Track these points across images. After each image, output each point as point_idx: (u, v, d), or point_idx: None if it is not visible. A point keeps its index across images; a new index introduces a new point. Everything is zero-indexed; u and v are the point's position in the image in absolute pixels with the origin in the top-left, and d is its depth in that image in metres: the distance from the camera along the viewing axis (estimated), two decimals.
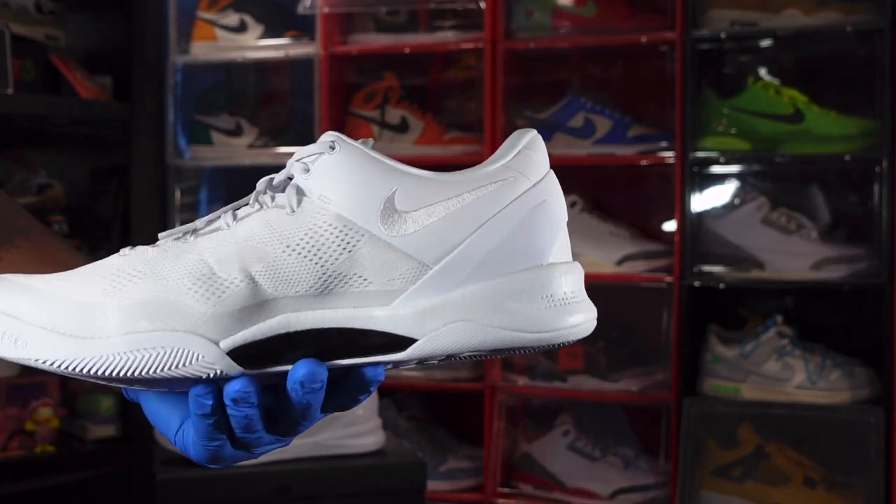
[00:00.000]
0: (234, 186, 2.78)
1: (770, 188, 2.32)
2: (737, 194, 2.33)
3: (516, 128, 0.61)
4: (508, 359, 2.42)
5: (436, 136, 2.50)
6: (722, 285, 2.27)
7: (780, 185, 2.34)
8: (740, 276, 2.25)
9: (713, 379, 2.25)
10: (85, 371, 0.58)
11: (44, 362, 0.58)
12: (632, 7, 2.39)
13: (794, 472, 2.16)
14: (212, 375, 0.58)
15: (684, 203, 2.26)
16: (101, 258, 0.64)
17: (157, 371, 0.58)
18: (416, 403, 2.55)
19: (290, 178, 0.62)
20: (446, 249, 0.59)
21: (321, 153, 0.61)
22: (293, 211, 0.60)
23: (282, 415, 0.62)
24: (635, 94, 2.48)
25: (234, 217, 0.61)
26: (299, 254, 0.59)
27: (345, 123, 2.56)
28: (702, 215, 2.30)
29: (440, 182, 0.60)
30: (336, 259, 0.59)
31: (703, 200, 2.31)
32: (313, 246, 0.59)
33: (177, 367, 0.58)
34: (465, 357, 0.61)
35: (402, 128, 2.52)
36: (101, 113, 2.18)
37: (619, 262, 2.34)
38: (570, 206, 2.40)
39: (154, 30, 2.25)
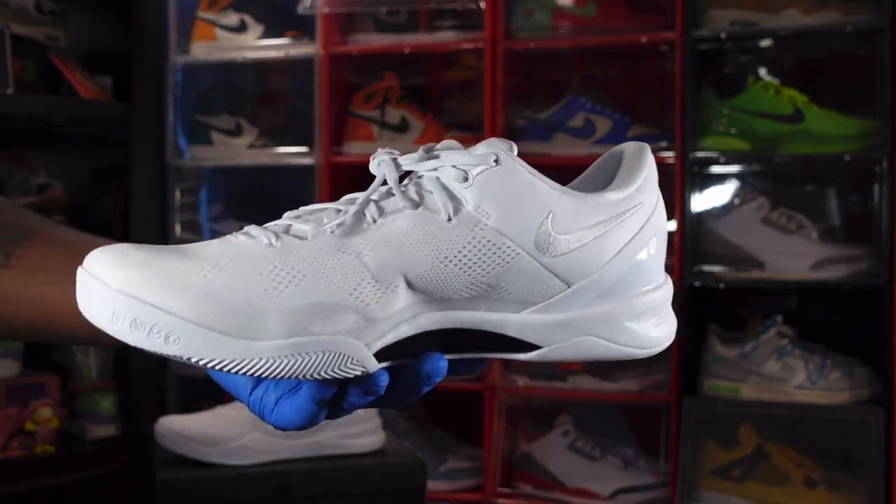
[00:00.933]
0: (234, 186, 2.78)
1: (770, 188, 2.32)
2: (737, 194, 2.33)
3: (516, 128, 0.63)
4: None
5: (436, 136, 2.50)
6: (722, 285, 2.27)
7: (780, 185, 2.34)
8: (740, 276, 2.25)
9: (713, 379, 2.25)
10: (242, 371, 0.58)
11: (199, 360, 0.57)
12: (632, 7, 2.39)
13: (794, 472, 2.16)
14: (359, 374, 0.60)
15: (684, 203, 2.26)
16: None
17: (314, 374, 0.58)
18: (417, 403, 2.55)
19: (434, 173, 0.62)
20: (587, 273, 0.62)
21: (486, 166, 0.61)
22: (449, 219, 0.61)
23: (389, 396, 0.63)
24: (635, 94, 2.48)
25: (381, 212, 0.61)
26: (456, 265, 0.60)
27: (345, 123, 2.56)
28: (702, 215, 2.30)
29: (591, 207, 0.63)
30: (490, 272, 0.61)
31: (703, 200, 2.31)
32: (471, 259, 0.61)
33: (333, 370, 0.58)
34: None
35: (402, 128, 2.52)
36: (101, 113, 2.18)
37: None
38: None
39: (154, 30, 2.26)
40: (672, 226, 2.29)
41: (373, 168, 0.64)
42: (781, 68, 2.37)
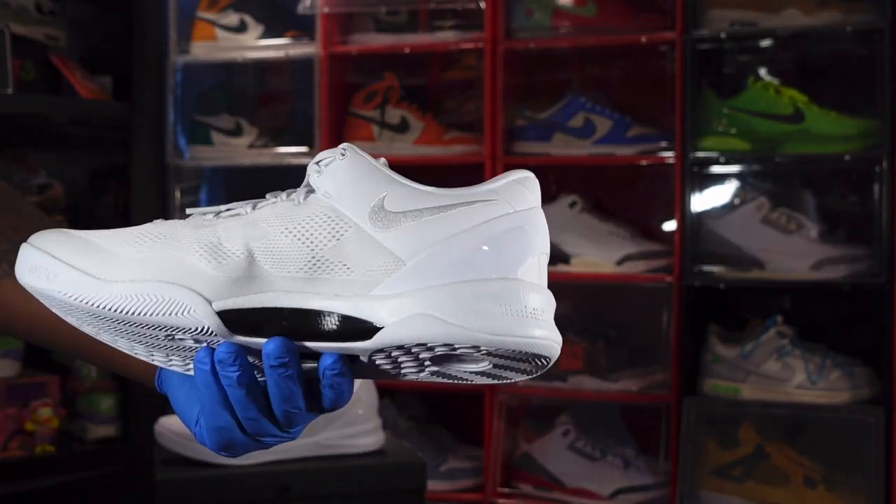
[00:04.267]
0: (234, 186, 2.78)
1: (770, 188, 2.32)
2: (737, 194, 2.32)
3: (516, 128, 0.64)
4: None
5: (436, 136, 2.50)
6: (722, 285, 2.27)
7: (780, 185, 2.34)
8: (740, 276, 2.25)
9: (713, 379, 2.25)
10: (95, 305, 0.66)
11: (64, 294, 0.67)
12: (632, 7, 2.39)
13: (794, 472, 2.16)
14: (200, 329, 0.65)
15: (684, 203, 2.26)
16: None
17: (154, 315, 0.66)
18: (416, 403, 2.55)
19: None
20: (421, 249, 0.65)
21: (334, 158, 0.69)
22: (299, 203, 0.68)
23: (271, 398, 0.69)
24: (635, 94, 2.48)
25: (253, 207, 0.70)
26: (295, 236, 0.66)
27: (345, 123, 2.56)
28: (702, 215, 2.30)
29: (429, 194, 0.67)
30: (325, 245, 0.66)
31: (703, 200, 2.31)
32: (307, 230, 0.66)
33: (170, 314, 0.65)
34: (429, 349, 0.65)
35: (402, 128, 2.52)
36: (101, 113, 2.18)
37: (619, 262, 2.34)
38: (570, 205, 2.40)
39: (154, 30, 2.26)
40: (672, 225, 2.29)
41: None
42: (781, 68, 2.36)
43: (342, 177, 0.68)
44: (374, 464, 1.70)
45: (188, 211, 0.71)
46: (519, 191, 0.67)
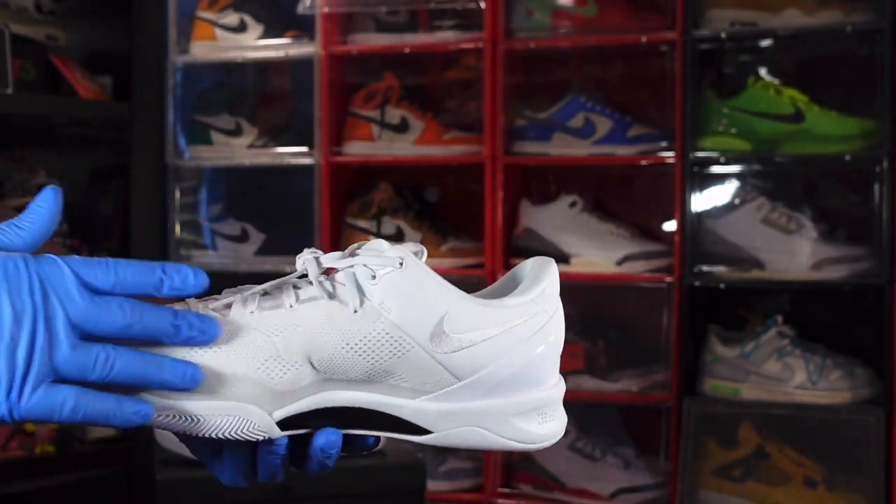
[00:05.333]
0: (233, 186, 2.78)
1: (770, 188, 2.32)
2: (737, 194, 2.32)
3: (516, 128, 0.65)
4: None
5: (436, 136, 2.50)
6: (722, 285, 2.27)
7: (780, 185, 2.34)
8: (740, 276, 2.25)
9: (713, 379, 2.25)
10: (167, 425, 0.68)
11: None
12: (632, 7, 2.38)
13: (794, 472, 2.16)
14: (261, 439, 0.70)
15: (684, 203, 2.26)
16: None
17: (223, 433, 0.68)
18: None
19: (351, 269, 0.70)
20: (476, 370, 0.70)
21: (392, 268, 0.69)
22: (355, 311, 0.69)
23: (299, 461, 0.74)
24: (635, 94, 2.48)
25: (297, 298, 0.70)
26: (356, 352, 0.69)
27: (345, 123, 2.56)
28: (702, 215, 2.30)
29: (485, 313, 0.71)
30: (386, 360, 0.69)
31: (703, 200, 2.31)
32: (369, 347, 0.69)
33: (236, 432, 0.68)
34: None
35: (402, 128, 2.52)
36: (101, 113, 2.18)
37: (619, 262, 2.34)
38: (570, 205, 2.40)
39: (154, 30, 2.26)
40: (672, 225, 2.29)
41: (298, 265, 0.71)
42: (782, 68, 2.36)
43: (402, 289, 0.69)
44: (374, 464, 1.70)
45: (229, 299, 0.71)
46: (551, 291, 0.73)
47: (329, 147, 2.51)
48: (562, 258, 2.36)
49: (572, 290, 2.37)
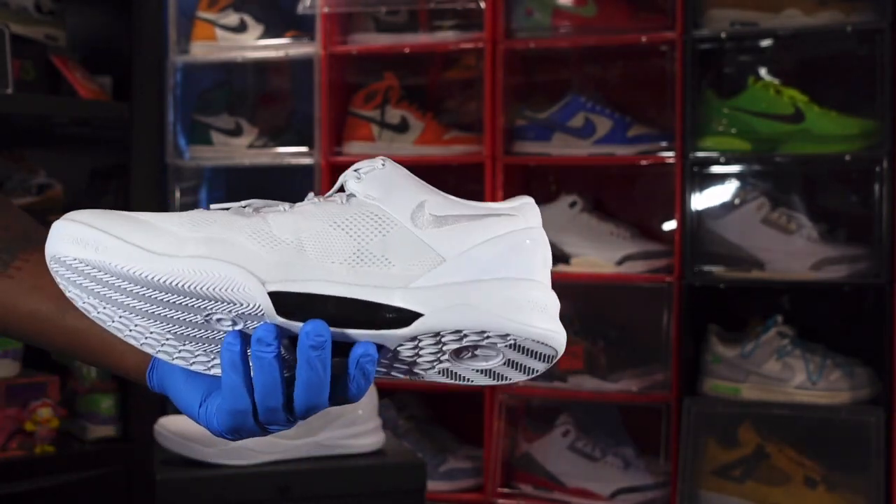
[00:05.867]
0: (233, 186, 2.78)
1: (770, 188, 2.32)
2: (737, 194, 2.32)
3: (516, 128, 0.67)
4: None
5: (436, 136, 2.50)
6: (722, 285, 2.27)
7: (780, 185, 2.34)
8: (740, 276, 2.25)
9: (713, 379, 2.25)
10: (152, 278, 0.69)
11: (121, 267, 0.70)
12: (632, 7, 2.39)
13: (794, 472, 2.16)
14: (251, 306, 0.70)
15: (684, 203, 2.26)
16: None
17: (211, 289, 0.69)
18: (416, 403, 2.55)
19: (341, 189, 0.75)
20: (462, 249, 0.72)
21: (374, 167, 0.74)
22: (344, 203, 0.74)
23: (299, 388, 0.71)
24: (635, 94, 2.48)
25: (291, 206, 0.74)
26: (343, 230, 0.72)
27: (345, 123, 2.56)
28: (702, 215, 2.30)
29: (463, 204, 0.74)
30: (371, 239, 0.72)
31: (703, 200, 2.31)
32: (354, 226, 0.72)
33: (226, 290, 0.69)
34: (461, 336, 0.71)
35: (402, 128, 2.52)
36: (101, 113, 2.17)
37: (619, 262, 2.34)
38: (570, 206, 2.40)
39: (154, 30, 2.25)
40: (672, 225, 2.29)
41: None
42: (782, 68, 2.36)
43: (383, 182, 0.74)
44: (374, 464, 1.70)
45: (227, 205, 0.75)
46: (532, 211, 0.75)
47: (329, 147, 2.51)
48: (562, 258, 2.36)
49: (572, 290, 2.37)
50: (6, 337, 0.85)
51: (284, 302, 0.70)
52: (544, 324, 0.72)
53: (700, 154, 2.25)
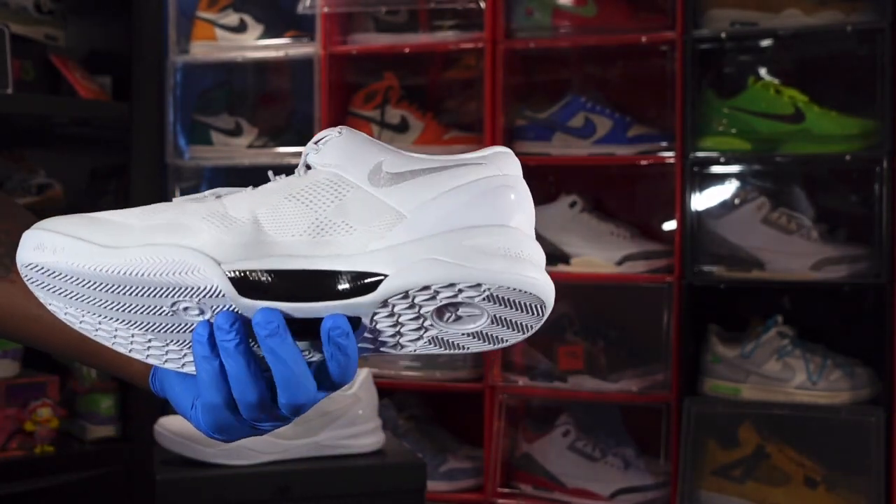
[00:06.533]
0: (233, 186, 2.78)
1: (770, 188, 2.32)
2: (737, 194, 2.32)
3: (516, 128, 0.66)
4: (509, 358, 2.42)
5: (436, 136, 2.50)
6: (722, 285, 2.27)
7: (780, 185, 2.34)
8: (740, 276, 2.25)
9: (713, 379, 2.25)
10: (104, 271, 0.67)
11: (73, 264, 0.68)
12: (632, 7, 2.39)
13: (794, 472, 2.16)
14: (210, 288, 0.67)
15: (684, 203, 2.26)
16: None
17: (165, 275, 0.67)
18: (416, 403, 2.55)
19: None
20: (421, 202, 0.68)
21: (331, 136, 0.72)
22: (301, 175, 0.72)
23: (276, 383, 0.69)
24: (635, 94, 2.48)
25: (254, 187, 0.73)
26: (298, 200, 0.69)
27: (345, 123, 2.56)
28: (702, 215, 2.30)
29: (423, 158, 0.71)
30: (328, 206, 0.69)
31: (703, 200, 2.31)
32: (310, 194, 0.70)
33: (181, 273, 0.67)
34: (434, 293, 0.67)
35: (402, 128, 2.52)
36: (101, 113, 2.18)
37: (619, 262, 2.34)
38: (570, 206, 2.40)
39: (154, 30, 2.25)
40: (672, 225, 2.29)
41: None
42: (782, 68, 2.36)
43: (341, 148, 0.71)
44: (374, 464, 1.70)
45: (191, 196, 0.73)
46: (505, 160, 0.72)
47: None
48: (562, 258, 2.36)
49: (572, 290, 2.37)
50: (9, 340, 0.85)
51: (246, 283, 0.67)
52: (519, 268, 0.66)
53: (700, 154, 2.25)
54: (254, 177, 0.69)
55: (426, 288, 0.66)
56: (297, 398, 0.68)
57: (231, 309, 0.68)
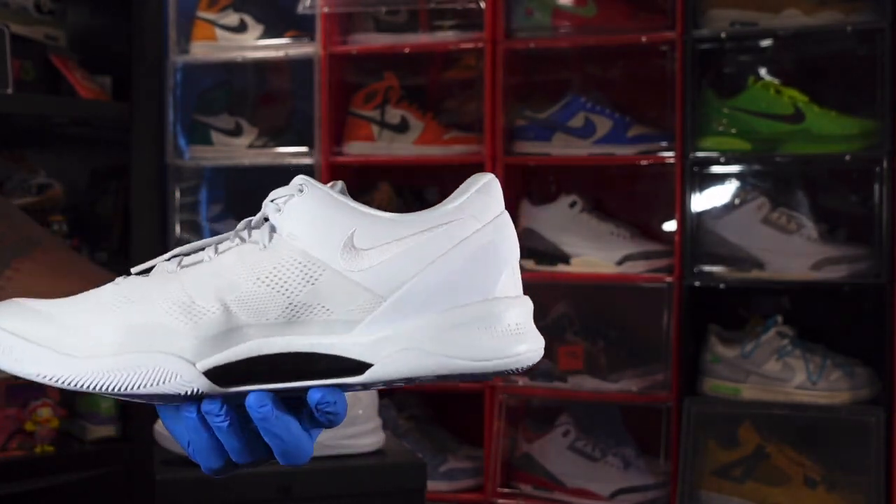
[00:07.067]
0: (233, 186, 2.78)
1: (770, 188, 2.32)
2: (737, 194, 2.32)
3: (516, 128, 0.64)
4: None
5: (436, 136, 2.50)
6: (722, 285, 2.27)
7: (780, 185, 2.34)
8: (740, 276, 2.25)
9: (713, 379, 2.25)
10: (78, 385, 0.65)
11: (42, 377, 0.65)
12: (632, 7, 2.38)
13: (794, 472, 2.16)
14: (190, 392, 0.65)
15: (684, 203, 2.26)
16: (101, 258, 0.68)
17: (142, 388, 0.65)
18: (416, 403, 2.55)
19: (266, 219, 0.69)
20: (399, 284, 0.65)
21: (291, 195, 0.67)
22: (265, 247, 0.66)
23: (254, 445, 0.69)
24: (635, 94, 2.48)
25: (216, 251, 0.68)
26: (267, 285, 0.65)
27: (345, 123, 2.56)
28: (702, 215, 2.30)
29: (395, 222, 0.66)
30: (300, 290, 0.65)
31: (703, 200, 2.31)
32: (279, 278, 0.66)
33: (159, 384, 0.65)
34: (422, 380, 0.66)
35: (402, 128, 2.52)
36: (101, 113, 2.18)
37: (619, 262, 2.34)
38: (570, 205, 2.40)
39: (154, 30, 2.25)
40: (672, 225, 2.29)
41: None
42: (782, 68, 2.36)
43: (304, 216, 0.66)
44: (374, 464, 1.70)
45: (152, 262, 0.70)
46: (483, 201, 0.67)
47: (329, 147, 2.51)
48: (562, 258, 2.36)
49: (572, 290, 2.37)
50: None
51: (224, 373, 0.65)
52: (504, 350, 0.65)
53: (700, 154, 2.25)
54: (254, 177, 0.67)
55: (411, 379, 0.66)
56: (297, 460, 0.70)
57: (217, 394, 0.66)
